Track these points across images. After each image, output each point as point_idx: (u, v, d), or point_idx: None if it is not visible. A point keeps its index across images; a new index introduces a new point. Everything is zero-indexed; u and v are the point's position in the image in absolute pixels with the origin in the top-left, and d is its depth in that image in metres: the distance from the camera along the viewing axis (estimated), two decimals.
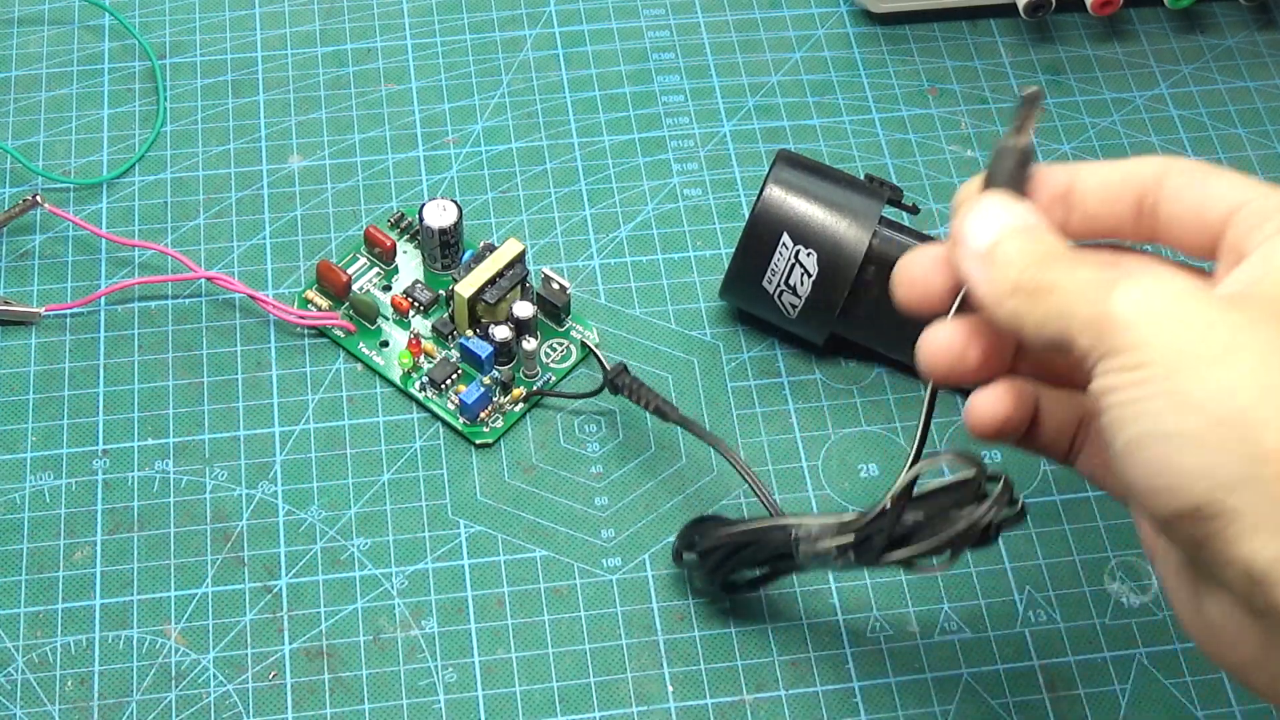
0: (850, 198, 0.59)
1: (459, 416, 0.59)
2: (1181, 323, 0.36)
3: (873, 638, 0.55)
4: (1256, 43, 0.74)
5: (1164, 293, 0.37)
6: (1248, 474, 0.35)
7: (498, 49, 0.72)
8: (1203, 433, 0.35)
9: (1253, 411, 0.35)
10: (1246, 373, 0.35)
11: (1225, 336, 0.36)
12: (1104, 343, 0.37)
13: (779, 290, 0.59)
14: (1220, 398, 0.35)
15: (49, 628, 0.55)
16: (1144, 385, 0.36)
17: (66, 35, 0.72)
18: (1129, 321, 0.37)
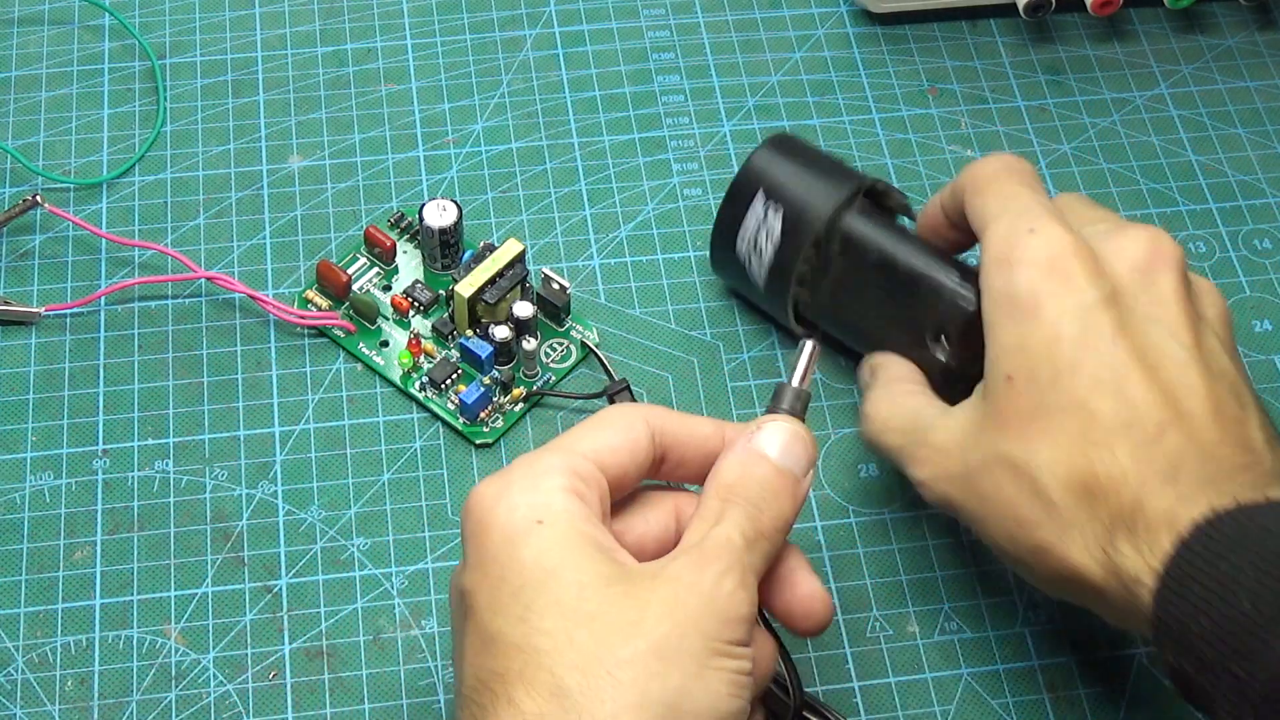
0: (830, 171, 0.58)
1: (459, 416, 0.59)
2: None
3: (873, 638, 0.55)
4: (1256, 43, 0.74)
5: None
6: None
7: (498, 49, 0.72)
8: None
9: None
10: None
11: None
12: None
13: (749, 254, 0.58)
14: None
15: (49, 628, 0.55)
16: None
17: (66, 35, 0.72)
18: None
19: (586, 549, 0.43)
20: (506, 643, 0.42)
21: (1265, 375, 0.62)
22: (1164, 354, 0.47)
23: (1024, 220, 0.49)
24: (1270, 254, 0.66)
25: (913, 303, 0.55)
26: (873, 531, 0.58)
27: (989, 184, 0.52)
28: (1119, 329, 0.47)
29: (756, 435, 0.47)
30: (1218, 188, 0.68)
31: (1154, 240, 0.49)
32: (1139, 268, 0.48)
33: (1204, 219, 0.67)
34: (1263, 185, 0.68)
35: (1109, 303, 0.47)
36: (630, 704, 0.40)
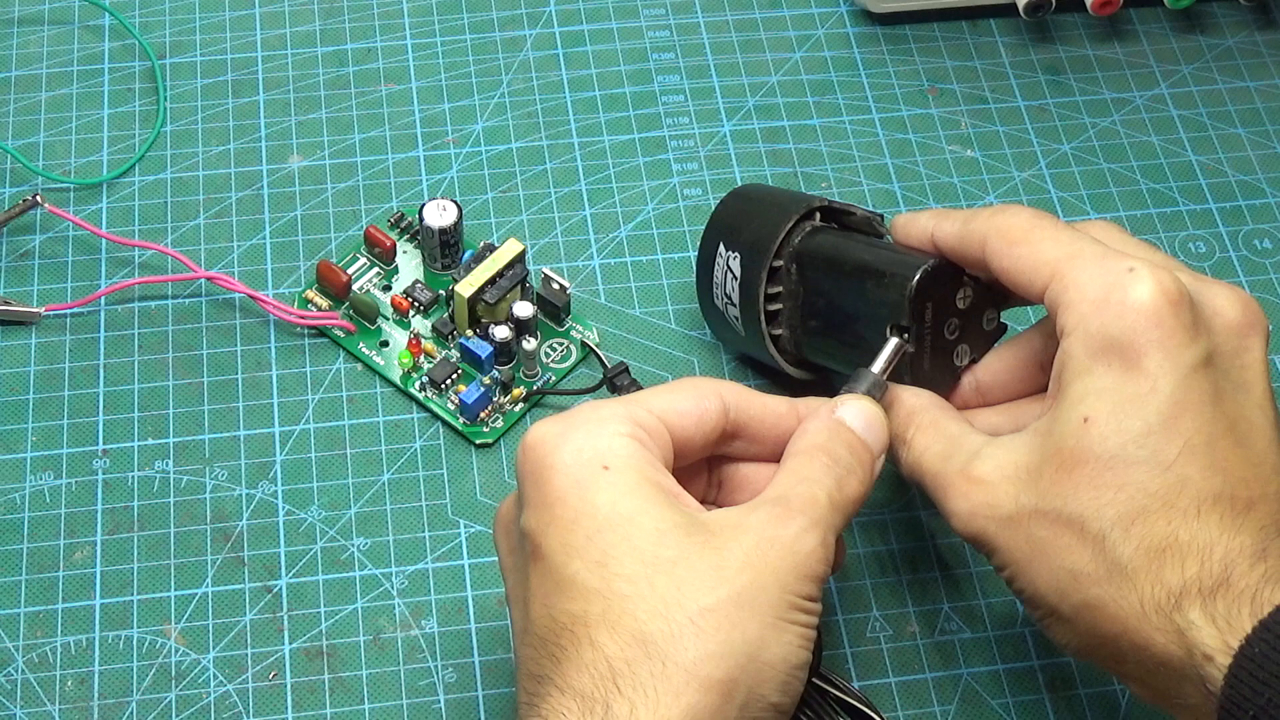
0: (777, 202, 0.57)
1: (459, 416, 0.59)
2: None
3: (873, 638, 0.55)
4: (1256, 43, 0.74)
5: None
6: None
7: (498, 49, 0.72)
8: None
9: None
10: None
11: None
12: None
13: (724, 303, 0.58)
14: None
15: (49, 628, 0.55)
16: None
17: (66, 35, 0.72)
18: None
19: (657, 495, 0.43)
20: (584, 586, 0.42)
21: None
22: (1254, 427, 0.45)
23: (1115, 260, 0.46)
24: (1270, 254, 0.66)
25: (868, 297, 0.53)
26: (873, 531, 0.58)
27: (1030, 233, 0.48)
28: (1216, 395, 0.45)
29: (841, 407, 0.47)
30: (1218, 188, 0.68)
31: (1248, 305, 0.47)
32: (1235, 331, 0.46)
33: (1204, 219, 0.67)
34: (1263, 185, 0.68)
35: (1208, 364, 0.45)
36: (712, 652, 0.41)
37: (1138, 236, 0.51)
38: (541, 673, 0.42)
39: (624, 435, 0.44)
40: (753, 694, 0.42)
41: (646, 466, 0.44)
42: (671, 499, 0.44)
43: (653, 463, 0.44)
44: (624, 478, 0.43)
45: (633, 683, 0.41)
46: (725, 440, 0.48)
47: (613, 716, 0.40)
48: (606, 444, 0.44)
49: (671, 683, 0.41)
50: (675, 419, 0.46)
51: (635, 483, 0.43)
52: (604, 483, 0.43)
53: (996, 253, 0.49)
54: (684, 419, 0.46)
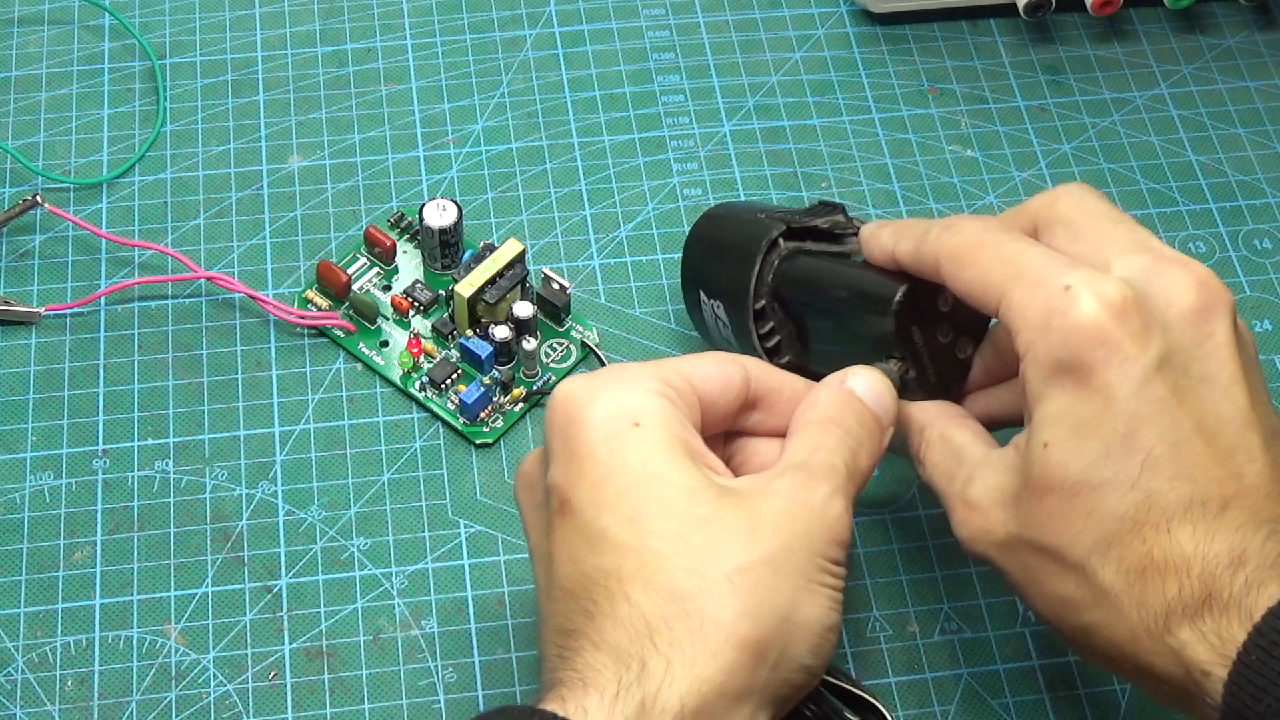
0: (739, 243, 0.56)
1: (459, 416, 0.59)
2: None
3: (873, 638, 0.55)
4: (1256, 43, 0.74)
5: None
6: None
7: (498, 49, 0.72)
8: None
9: None
10: None
11: None
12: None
13: (726, 344, 0.58)
14: None
15: (49, 628, 0.55)
16: None
17: (66, 35, 0.72)
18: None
19: (687, 455, 0.44)
20: (617, 542, 0.42)
21: (1266, 375, 0.62)
22: (1222, 418, 0.44)
23: (1050, 276, 0.45)
24: (1270, 254, 0.66)
25: (853, 330, 0.53)
26: (873, 531, 0.58)
27: (975, 252, 0.47)
28: (1176, 396, 0.43)
29: (851, 378, 0.47)
30: (1218, 188, 0.68)
31: (1203, 283, 0.45)
32: (1189, 316, 0.44)
33: (1204, 219, 0.67)
34: (1263, 185, 0.68)
35: (1163, 366, 0.43)
36: (748, 611, 0.41)
37: None
38: (573, 627, 0.42)
39: (655, 394, 0.44)
40: (785, 655, 0.42)
41: (676, 425, 0.44)
42: (702, 458, 0.44)
43: (682, 422, 0.44)
44: (655, 435, 0.43)
45: (669, 639, 0.41)
46: (745, 411, 0.48)
47: (648, 674, 0.40)
48: (637, 401, 0.44)
49: (709, 641, 0.41)
50: (702, 383, 0.46)
51: (666, 440, 0.43)
52: (635, 439, 0.43)
53: (949, 276, 0.48)
54: (710, 384, 0.46)
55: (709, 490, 0.43)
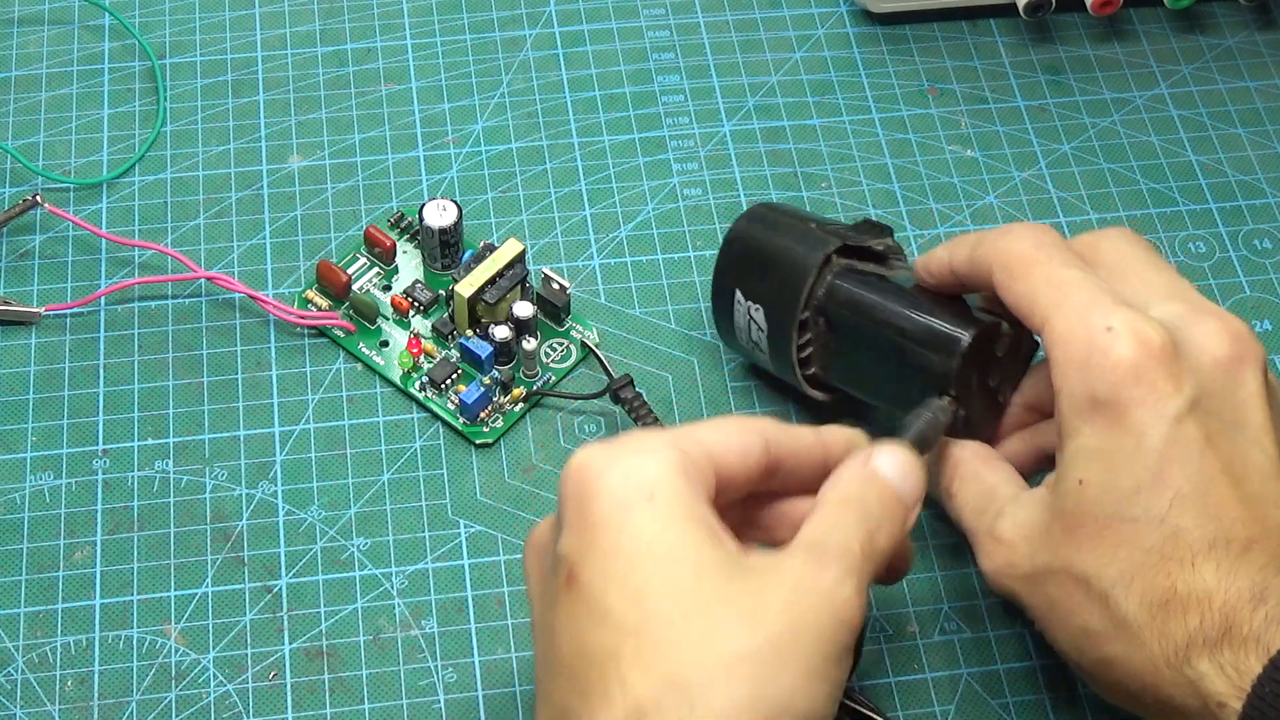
0: (792, 251, 0.56)
1: (459, 416, 0.59)
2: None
3: (873, 638, 0.55)
4: (1256, 43, 0.74)
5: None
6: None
7: (498, 49, 0.72)
8: None
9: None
10: None
11: None
12: None
13: (750, 345, 0.58)
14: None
15: (49, 628, 0.55)
16: None
17: (66, 35, 0.72)
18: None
19: (700, 531, 0.43)
20: (620, 621, 0.41)
21: None
22: (1249, 464, 0.45)
23: (1096, 314, 0.46)
24: (1270, 254, 0.66)
25: (905, 355, 0.53)
26: None
27: (1029, 268, 0.48)
28: (1206, 440, 0.45)
29: (877, 456, 0.46)
30: (1218, 188, 0.68)
31: (1236, 335, 0.47)
32: (1222, 365, 0.46)
33: (1204, 219, 0.67)
34: (1263, 185, 0.68)
35: (1195, 409, 0.45)
36: (745, 701, 0.40)
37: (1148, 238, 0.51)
38: (568, 706, 0.42)
39: (670, 464, 0.43)
40: None
41: (691, 499, 0.43)
42: (714, 535, 0.43)
43: (698, 496, 0.44)
44: (669, 509, 0.43)
45: None
46: (766, 477, 0.47)
47: None
48: (653, 472, 0.43)
49: None
50: (721, 453, 0.45)
51: (680, 515, 0.43)
52: (648, 512, 0.42)
53: (1000, 284, 0.49)
54: (729, 454, 0.45)
55: (719, 569, 0.42)
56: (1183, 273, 0.65)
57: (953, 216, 0.67)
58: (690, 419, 0.60)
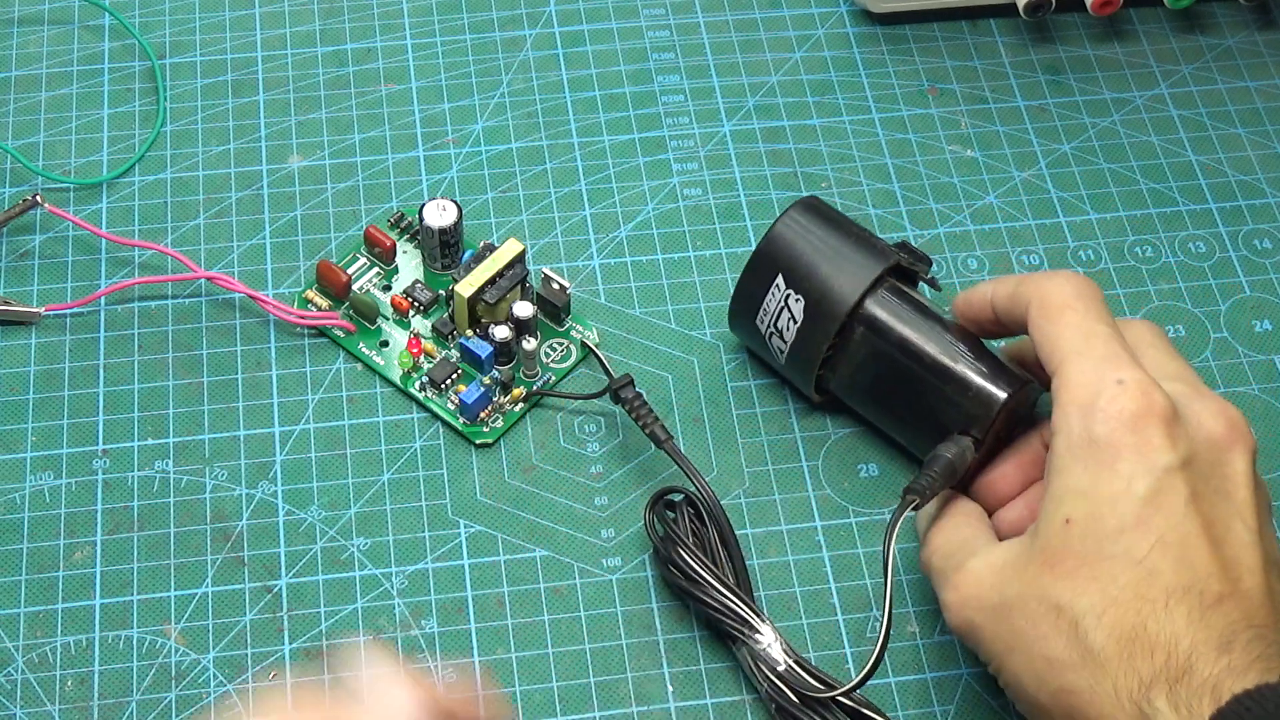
0: (852, 253, 0.57)
1: (459, 416, 0.59)
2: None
3: (872, 638, 0.55)
4: (1256, 43, 0.74)
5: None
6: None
7: (498, 49, 0.72)
8: None
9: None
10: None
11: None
12: None
13: (769, 332, 0.58)
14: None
15: (49, 628, 0.55)
16: None
17: (66, 35, 0.72)
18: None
19: None
20: None
21: (1265, 375, 0.62)
22: (1230, 530, 0.47)
23: (1111, 368, 0.49)
24: (1270, 254, 0.66)
25: (938, 395, 0.55)
26: (873, 531, 0.58)
27: (1063, 313, 0.51)
28: (1192, 497, 0.47)
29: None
30: (1218, 188, 0.68)
31: (1233, 421, 0.49)
32: (1216, 443, 0.48)
33: (1204, 219, 0.67)
34: (1263, 185, 0.68)
35: (1185, 468, 0.47)
36: None
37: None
38: None
39: None
40: None
41: None
42: None
43: None
44: None
45: None
46: None
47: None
48: None
49: None
50: None
51: None
52: None
53: (1033, 321, 0.52)
54: None
55: None
56: (1183, 272, 0.65)
57: (953, 216, 0.67)
58: (690, 419, 0.60)
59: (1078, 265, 0.65)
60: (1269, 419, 0.61)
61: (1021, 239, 0.66)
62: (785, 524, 0.58)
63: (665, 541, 0.54)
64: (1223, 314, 0.64)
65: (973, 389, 0.55)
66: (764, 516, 0.58)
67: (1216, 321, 0.64)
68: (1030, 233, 0.66)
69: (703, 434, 0.60)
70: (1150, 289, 0.64)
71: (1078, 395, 0.49)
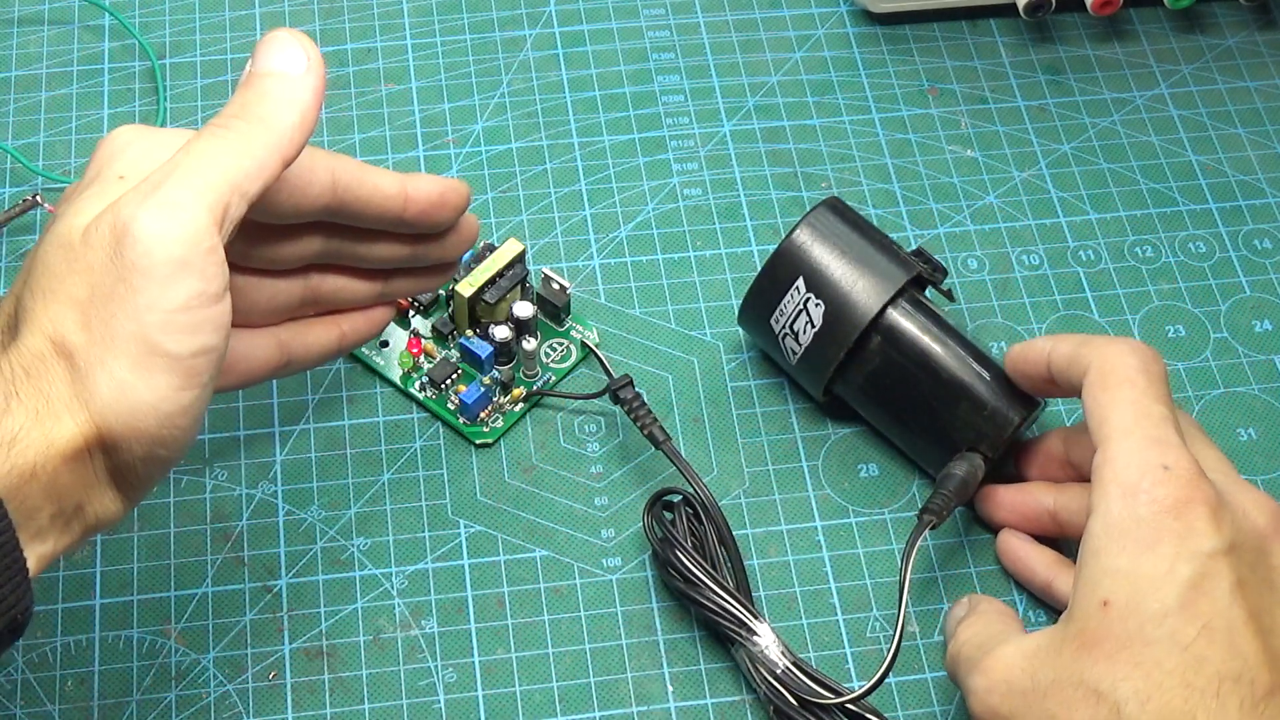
0: (875, 261, 0.57)
1: (459, 416, 0.59)
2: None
3: (872, 638, 0.55)
4: (1256, 43, 0.74)
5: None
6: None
7: (498, 49, 0.72)
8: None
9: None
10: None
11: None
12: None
13: (784, 333, 0.57)
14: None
15: (49, 628, 0.55)
16: None
17: (66, 35, 0.72)
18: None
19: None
20: None
21: (1265, 375, 0.62)
22: (1276, 622, 0.46)
23: (1159, 452, 0.47)
24: (1270, 254, 0.66)
25: (952, 411, 0.56)
26: (873, 531, 0.58)
27: (1121, 387, 0.50)
28: (1237, 584, 0.45)
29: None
30: (1218, 188, 0.68)
31: (1276, 513, 0.48)
32: (1260, 534, 0.47)
33: (1204, 219, 0.67)
34: (1263, 185, 0.68)
35: (1229, 554, 0.46)
36: None
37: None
38: None
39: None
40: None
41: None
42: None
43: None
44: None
45: None
46: (330, 212, 0.49)
47: None
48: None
49: None
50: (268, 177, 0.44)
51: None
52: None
53: (1089, 386, 0.50)
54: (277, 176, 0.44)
55: None
56: (1183, 272, 0.65)
57: (953, 216, 0.67)
58: (690, 419, 0.60)
59: (1078, 265, 0.65)
60: (1269, 419, 0.61)
61: (1021, 239, 0.66)
62: (785, 524, 0.58)
63: (663, 543, 0.54)
64: (1223, 314, 0.64)
65: (988, 408, 0.55)
66: (764, 516, 0.58)
67: (1216, 321, 0.64)
68: (1030, 233, 0.66)
69: (703, 434, 0.60)
70: (1150, 289, 0.64)
71: (1121, 475, 0.47)
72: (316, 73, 0.45)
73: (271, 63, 0.45)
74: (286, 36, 0.45)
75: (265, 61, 0.45)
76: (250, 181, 0.43)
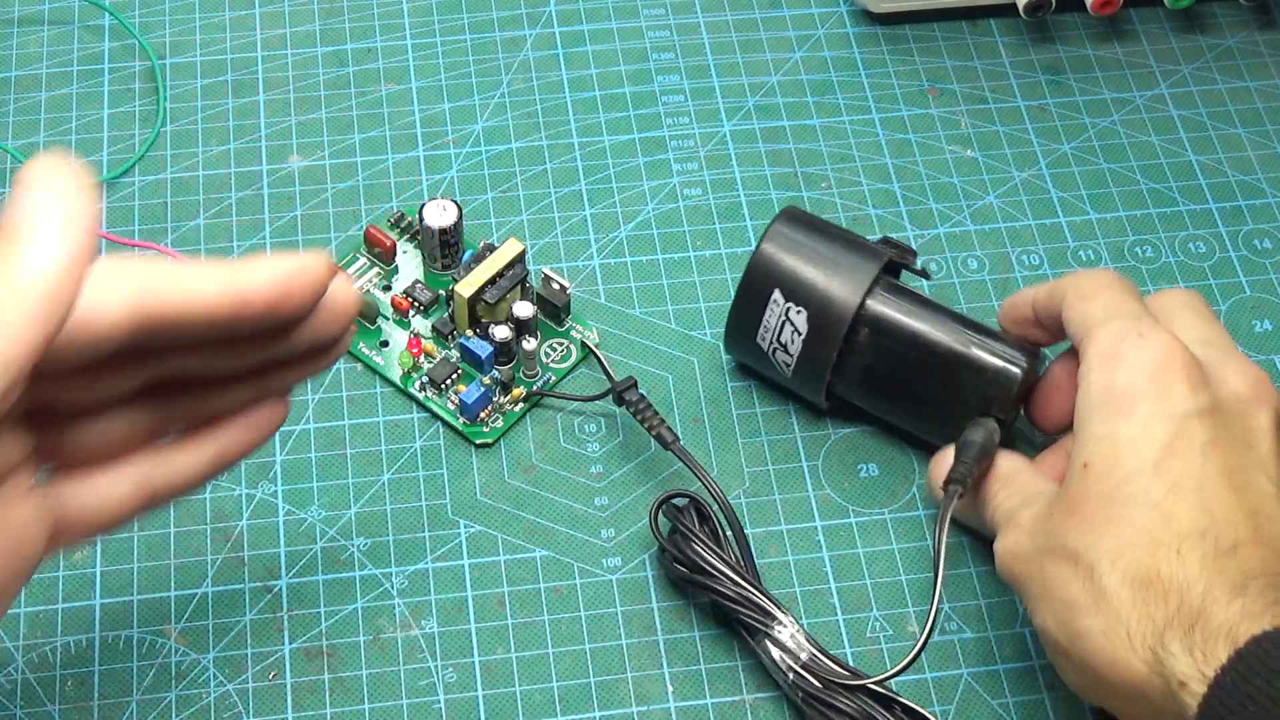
0: (846, 257, 0.57)
1: (459, 416, 0.59)
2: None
3: (872, 638, 0.55)
4: (1256, 43, 0.74)
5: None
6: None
7: (498, 49, 0.72)
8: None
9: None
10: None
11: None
12: None
13: (773, 348, 0.57)
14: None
15: (49, 628, 0.55)
16: None
17: (66, 35, 0.72)
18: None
19: None
20: None
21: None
22: (1250, 480, 0.47)
23: (1135, 325, 0.50)
24: (1270, 254, 0.66)
25: (954, 381, 0.56)
26: (873, 531, 0.58)
27: (1096, 291, 0.52)
28: (1211, 442, 0.47)
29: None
30: (1218, 188, 0.68)
31: (1259, 380, 0.49)
32: (1240, 399, 0.49)
33: (1204, 219, 0.67)
34: (1263, 185, 0.68)
35: (1205, 415, 0.47)
36: None
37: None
38: None
39: None
40: None
41: None
42: None
43: None
44: None
45: None
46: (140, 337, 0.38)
47: None
48: None
49: None
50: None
51: None
52: None
53: (1069, 305, 0.52)
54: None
55: None
56: (1183, 272, 0.65)
57: (953, 216, 0.67)
58: (690, 419, 0.60)
59: (1078, 265, 0.65)
60: None
61: (1021, 239, 0.66)
62: (785, 524, 0.58)
63: (675, 537, 0.54)
64: (1223, 314, 0.64)
65: (989, 370, 0.55)
66: (764, 516, 0.58)
67: None
68: (1030, 233, 0.66)
69: (703, 434, 0.60)
70: (1150, 289, 0.64)
71: (1100, 349, 0.49)
72: (76, 222, 0.35)
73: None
74: (38, 178, 0.35)
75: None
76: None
